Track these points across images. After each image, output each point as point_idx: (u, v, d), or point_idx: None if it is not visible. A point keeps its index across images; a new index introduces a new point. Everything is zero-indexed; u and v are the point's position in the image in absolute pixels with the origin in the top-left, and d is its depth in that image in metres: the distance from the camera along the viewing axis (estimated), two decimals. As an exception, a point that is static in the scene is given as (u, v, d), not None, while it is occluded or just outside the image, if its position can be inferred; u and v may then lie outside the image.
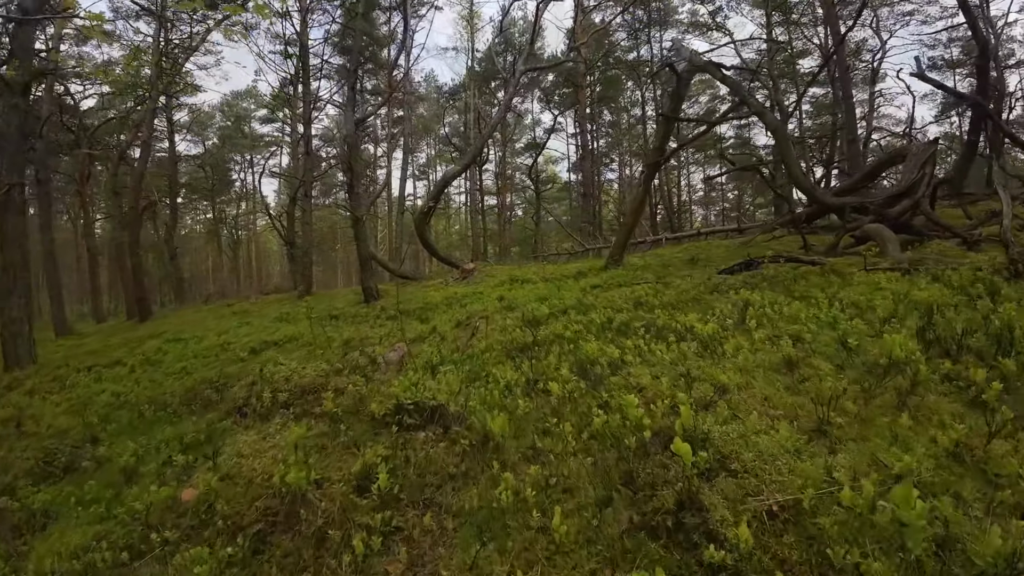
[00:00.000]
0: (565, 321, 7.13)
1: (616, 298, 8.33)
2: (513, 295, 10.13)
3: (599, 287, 9.82)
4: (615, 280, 10.16)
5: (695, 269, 11.40)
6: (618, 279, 10.17)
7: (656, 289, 8.51)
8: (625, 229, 11.94)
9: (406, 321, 11.88)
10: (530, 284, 12.08)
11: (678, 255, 14.28)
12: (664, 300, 7.46)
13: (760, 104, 11.47)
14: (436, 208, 17.21)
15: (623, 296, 8.32)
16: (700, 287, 7.77)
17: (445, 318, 9.83)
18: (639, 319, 6.63)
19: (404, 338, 8.64)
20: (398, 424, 4.24)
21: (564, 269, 13.55)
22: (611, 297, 8.49)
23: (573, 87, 29.12)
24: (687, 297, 7.35)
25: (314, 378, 6.32)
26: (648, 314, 6.79)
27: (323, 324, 12.79)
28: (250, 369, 8.94)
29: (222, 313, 22.77)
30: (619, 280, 10.05)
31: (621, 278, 10.24)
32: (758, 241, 14.58)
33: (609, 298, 8.41)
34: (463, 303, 11.59)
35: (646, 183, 11.61)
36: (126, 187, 25.65)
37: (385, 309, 13.11)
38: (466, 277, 16.19)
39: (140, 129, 25.48)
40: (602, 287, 9.74)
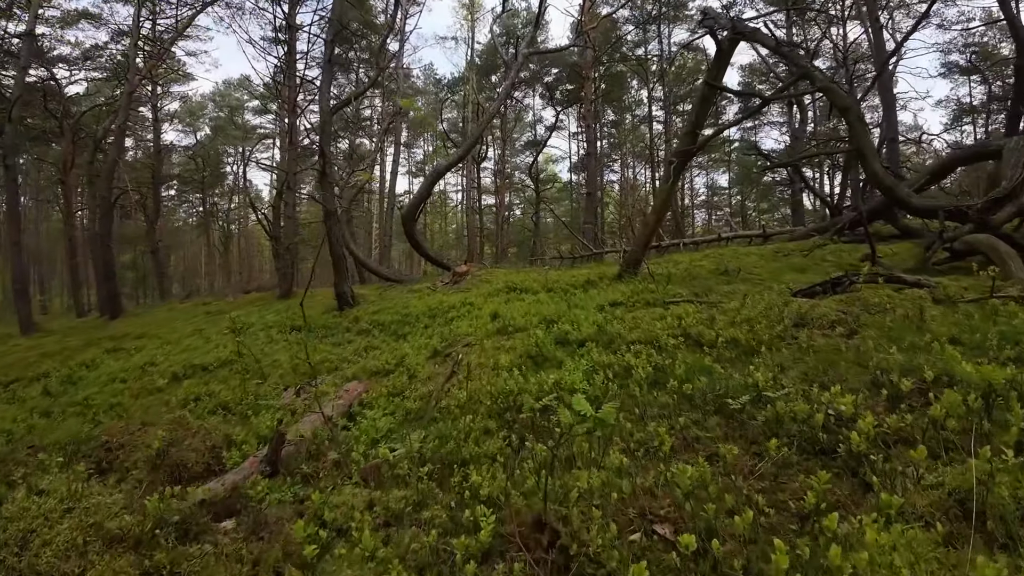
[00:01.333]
0: (585, 363, 4.69)
1: (651, 325, 5.88)
2: (510, 312, 7.69)
3: (620, 304, 7.37)
4: (639, 295, 7.72)
5: (734, 282, 8.98)
6: (642, 294, 7.73)
7: (703, 314, 6.07)
8: (645, 232, 9.54)
9: (377, 338, 9.42)
10: (530, 295, 9.64)
11: (701, 263, 11.85)
12: (726, 334, 5.01)
13: (827, 77, 9.06)
14: (426, 204, 14.73)
15: (660, 322, 5.87)
16: (772, 316, 5.32)
17: (421, 341, 7.37)
18: (701, 370, 4.19)
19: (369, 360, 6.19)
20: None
21: (570, 276, 11.12)
22: (643, 323, 6.04)
23: (578, 80, 26.68)
24: (761, 332, 4.90)
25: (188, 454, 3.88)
26: (713, 361, 4.35)
27: (283, 336, 10.33)
28: (140, 413, 6.54)
29: (195, 313, 20.32)
30: (644, 296, 7.61)
31: (646, 293, 7.80)
32: (793, 248, 12.17)
33: (641, 325, 5.97)
34: (449, 316, 9.14)
35: (675, 176, 9.19)
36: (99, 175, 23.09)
37: (358, 320, 10.64)
38: (458, 282, 13.73)
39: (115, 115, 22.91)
40: (625, 305, 7.29)
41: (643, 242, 9.63)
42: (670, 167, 9.22)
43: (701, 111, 9.14)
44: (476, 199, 29.19)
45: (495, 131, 31.04)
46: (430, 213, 39.17)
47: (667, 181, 9.32)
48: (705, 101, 9.09)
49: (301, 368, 7.82)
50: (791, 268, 9.19)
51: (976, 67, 31.75)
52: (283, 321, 11.21)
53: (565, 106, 28.27)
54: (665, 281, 8.38)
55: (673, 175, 9.09)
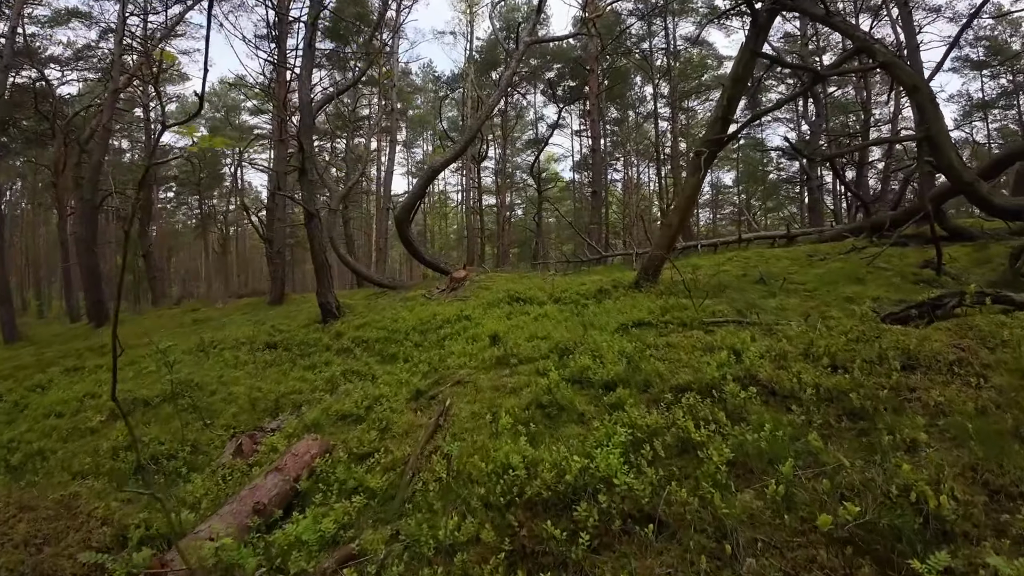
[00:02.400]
0: (620, 428, 3.22)
1: (697, 359, 4.40)
2: (513, 334, 6.23)
3: (648, 325, 5.88)
4: (668, 312, 6.24)
5: (777, 295, 7.49)
6: (673, 311, 6.25)
7: (762, 342, 4.60)
8: (668, 233, 8.07)
9: (359, 359, 7.96)
10: (535, 307, 8.18)
11: (726, 268, 10.37)
12: (809, 379, 3.53)
13: (890, 51, 7.56)
14: (421, 204, 13.26)
15: (710, 356, 4.39)
16: (864, 352, 3.84)
17: (403, 374, 5.88)
18: (799, 450, 2.72)
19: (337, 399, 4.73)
20: None
21: (578, 284, 9.64)
22: (686, 355, 4.56)
23: (581, 76, 25.17)
24: (861, 378, 3.42)
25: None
26: (809, 430, 2.87)
27: (252, 357, 8.89)
28: (58, 467, 5.15)
29: (180, 322, 18.95)
30: (675, 313, 6.13)
31: (677, 309, 6.31)
32: (828, 251, 10.69)
33: (684, 358, 4.49)
34: (441, 335, 7.69)
35: (704, 168, 7.71)
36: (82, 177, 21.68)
37: (340, 335, 9.19)
38: (455, 288, 12.28)
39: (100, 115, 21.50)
40: (655, 326, 5.80)
41: (665, 245, 8.16)
42: (698, 159, 7.74)
43: (734, 94, 7.66)
44: (476, 199, 27.71)
45: (496, 130, 29.55)
46: (430, 213, 37.68)
47: (693, 175, 7.85)
48: (738, 83, 7.60)
49: (261, 404, 6.38)
50: (844, 277, 7.70)
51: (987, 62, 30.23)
52: (259, 336, 9.76)
53: (568, 103, 26.77)
54: (702, 295, 6.89)
55: (703, 167, 7.62)
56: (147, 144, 27.32)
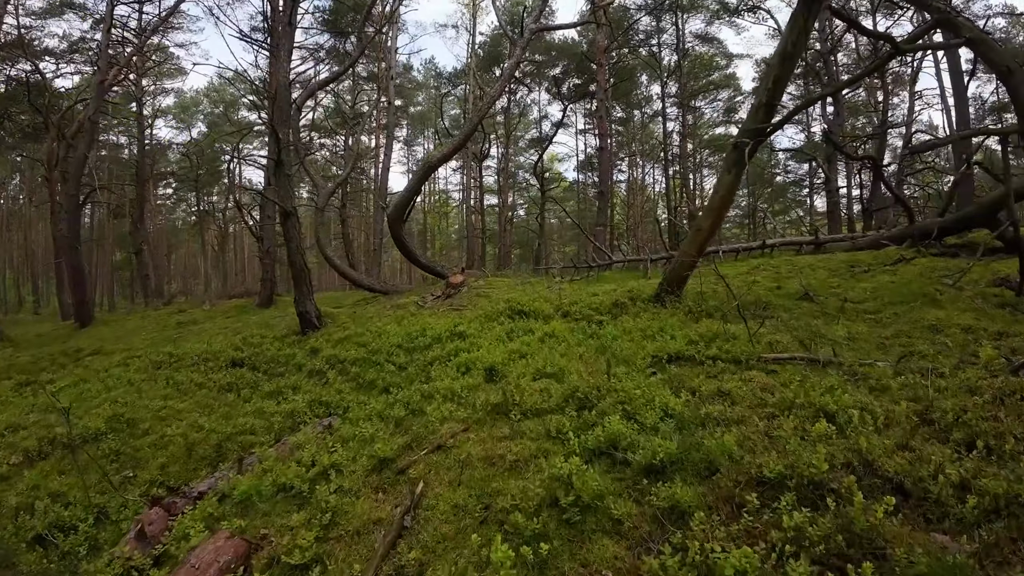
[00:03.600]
0: (680, 544, 1.86)
1: (773, 421, 3.04)
2: (514, 366, 4.84)
3: (690, 361, 4.50)
4: (712, 342, 4.86)
5: (836, 316, 6.12)
6: (717, 341, 4.86)
7: (855, 395, 3.22)
8: (697, 240, 6.69)
9: (332, 385, 6.59)
10: (540, 324, 6.80)
11: (757, 279, 8.97)
12: (953, 473, 2.17)
13: (976, 27, 6.17)
14: (416, 202, 11.91)
15: (793, 420, 3.02)
16: (1011, 422, 2.46)
17: (368, 427, 4.43)
18: None
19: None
20: None
21: (588, 295, 8.25)
22: (758, 417, 3.20)
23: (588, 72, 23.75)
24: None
25: None
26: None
27: (209, 379, 7.52)
28: None
29: (164, 324, 17.60)
30: (720, 344, 4.73)
31: (720, 339, 4.93)
32: (870, 261, 9.32)
33: (758, 423, 3.12)
34: (428, 358, 6.32)
35: (739, 164, 6.34)
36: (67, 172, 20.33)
37: (316, 352, 7.82)
38: (451, 295, 10.92)
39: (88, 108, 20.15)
40: (698, 363, 4.42)
41: (693, 254, 6.79)
42: (736, 152, 6.36)
43: (781, 74, 6.27)
44: (478, 199, 26.31)
45: (498, 129, 28.14)
46: (430, 213, 36.26)
47: (730, 171, 6.46)
48: (787, 61, 6.21)
49: (200, 449, 5.03)
50: (909, 296, 6.31)
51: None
52: (225, 351, 8.39)
53: (573, 101, 25.36)
54: (717, 307, 5.50)
55: (736, 165, 6.25)
56: (140, 138, 25.92)
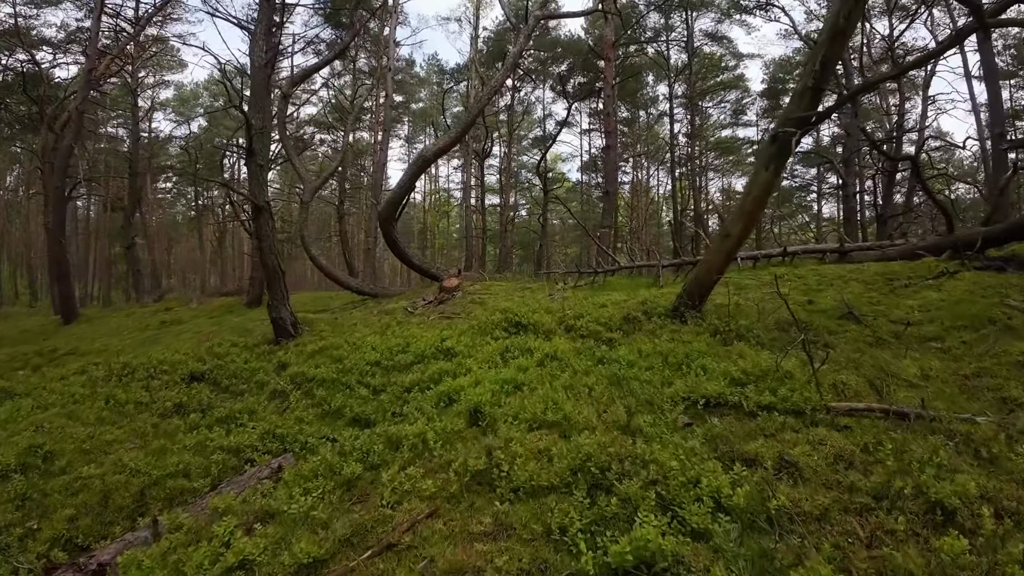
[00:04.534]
0: None
1: (870, 518, 1.94)
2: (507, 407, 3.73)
3: (736, 410, 3.40)
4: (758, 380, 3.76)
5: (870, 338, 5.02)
6: (766, 379, 3.76)
7: (969, 474, 2.12)
8: (725, 247, 5.58)
9: (294, 411, 5.50)
10: (541, 342, 5.69)
11: (785, 293, 7.85)
12: None
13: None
14: (409, 199, 10.81)
15: (895, 516, 1.92)
16: None
17: (323, 474, 3.35)
18: None
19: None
20: None
21: (595, 306, 7.13)
22: (848, 513, 2.10)
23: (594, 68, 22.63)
24: None
25: None
26: None
27: (159, 398, 6.44)
28: None
29: (148, 323, 16.58)
30: (769, 383, 3.63)
31: (768, 376, 3.83)
32: (906, 273, 8.21)
33: (855, 523, 2.03)
34: (407, 381, 5.21)
35: (780, 158, 5.25)
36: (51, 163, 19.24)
37: (285, 367, 6.73)
38: (444, 300, 9.82)
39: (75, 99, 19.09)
40: (747, 413, 3.32)
41: (719, 264, 5.69)
42: (776, 144, 5.25)
43: (831, 54, 5.15)
44: (479, 198, 25.20)
45: (501, 127, 27.02)
46: (430, 212, 35.13)
47: (767, 167, 5.35)
48: (838, 38, 5.10)
49: (119, 496, 3.97)
50: (970, 319, 5.19)
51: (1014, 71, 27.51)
52: (187, 362, 7.30)
53: (578, 99, 24.23)
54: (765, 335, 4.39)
55: (775, 159, 5.15)
56: (134, 131, 24.86)
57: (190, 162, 32.03)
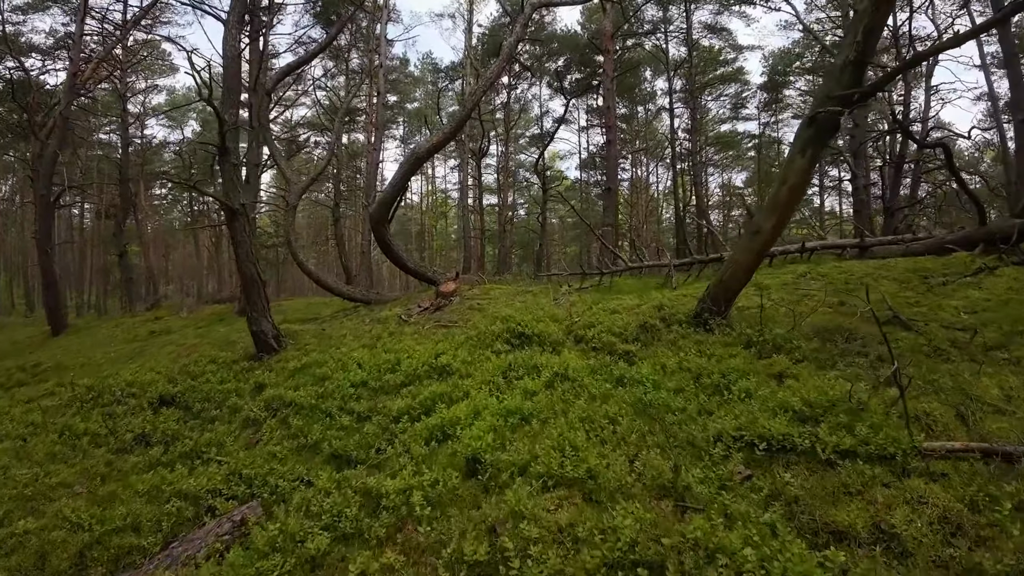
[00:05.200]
0: None
1: None
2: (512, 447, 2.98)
3: (809, 458, 2.63)
4: (826, 413, 3.01)
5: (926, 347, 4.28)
6: (835, 411, 3.00)
7: None
8: (755, 245, 4.82)
9: (266, 445, 4.71)
10: (548, 358, 4.93)
11: (812, 293, 7.09)
12: None
13: None
14: (402, 199, 10.05)
15: None
16: None
17: (281, 547, 2.59)
18: None
19: None
20: None
21: (606, 312, 6.36)
22: None
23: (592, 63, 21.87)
24: None
25: None
26: None
27: (124, 424, 5.68)
28: None
29: (136, 333, 15.80)
30: (840, 416, 2.88)
31: (838, 407, 3.07)
32: (939, 270, 7.47)
33: None
34: (395, 409, 4.43)
35: (818, 142, 4.50)
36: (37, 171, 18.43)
37: (262, 388, 5.97)
38: (440, 307, 9.06)
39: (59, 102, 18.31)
40: (822, 463, 2.56)
41: (750, 262, 4.95)
42: (814, 128, 4.50)
43: (874, 24, 4.39)
44: (476, 197, 24.41)
45: (498, 126, 26.22)
46: (427, 213, 34.32)
47: (803, 152, 4.60)
48: (883, 4, 4.35)
49: (55, 560, 3.21)
50: None
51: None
52: (157, 382, 6.54)
53: (576, 95, 23.45)
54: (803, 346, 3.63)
55: (826, 137, 4.40)
56: (124, 136, 24.06)
57: (184, 167, 31.23)
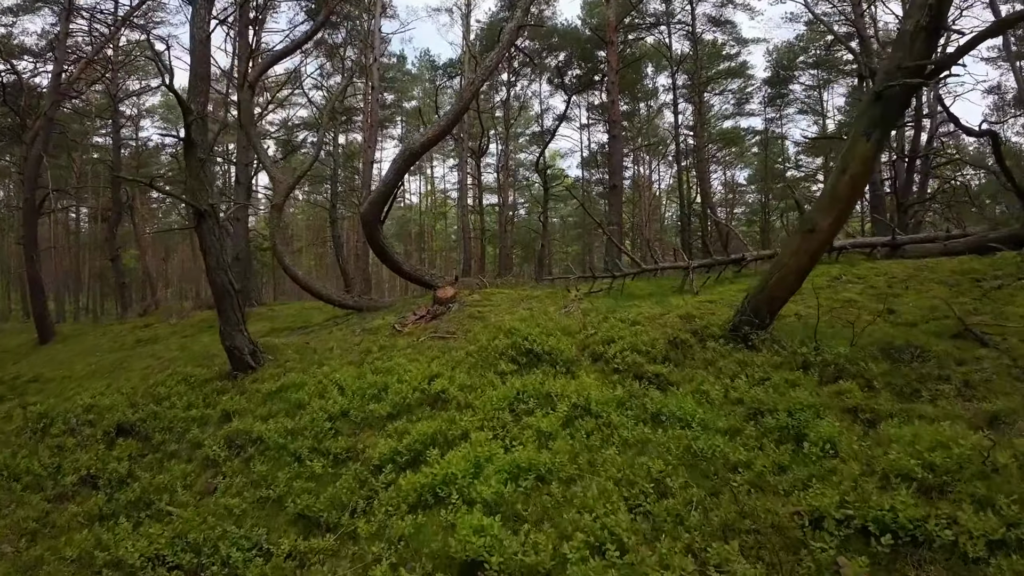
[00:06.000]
0: None
1: None
2: (526, 528, 2.15)
3: (935, 553, 1.80)
4: (947, 478, 2.17)
5: (1013, 368, 3.40)
6: (953, 467, 2.15)
7: None
8: (811, 246, 3.97)
9: (221, 497, 3.81)
10: (563, 382, 4.08)
11: (854, 299, 6.21)
12: None
13: None
14: (395, 197, 9.20)
15: None
16: None
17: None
18: None
19: None
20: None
21: (625, 325, 5.48)
22: None
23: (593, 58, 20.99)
24: None
25: None
26: None
27: (59, 461, 4.83)
28: None
29: (123, 342, 14.97)
30: (972, 485, 2.06)
31: (954, 462, 2.22)
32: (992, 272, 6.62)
33: None
34: (379, 452, 3.56)
35: (886, 123, 3.65)
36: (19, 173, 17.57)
37: (231, 417, 5.11)
38: (437, 315, 8.18)
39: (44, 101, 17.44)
40: (974, 566, 1.73)
41: (803, 265, 4.09)
42: (879, 106, 3.65)
43: None
44: (476, 197, 23.55)
45: (498, 125, 25.33)
46: (426, 213, 33.44)
47: (867, 135, 3.73)
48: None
49: None
50: None
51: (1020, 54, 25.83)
52: (118, 406, 5.69)
53: (577, 91, 22.57)
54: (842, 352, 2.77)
55: (895, 116, 3.56)
56: (115, 139, 23.20)
57: (179, 170, 30.34)
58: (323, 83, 24.66)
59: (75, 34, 26.43)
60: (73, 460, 4.86)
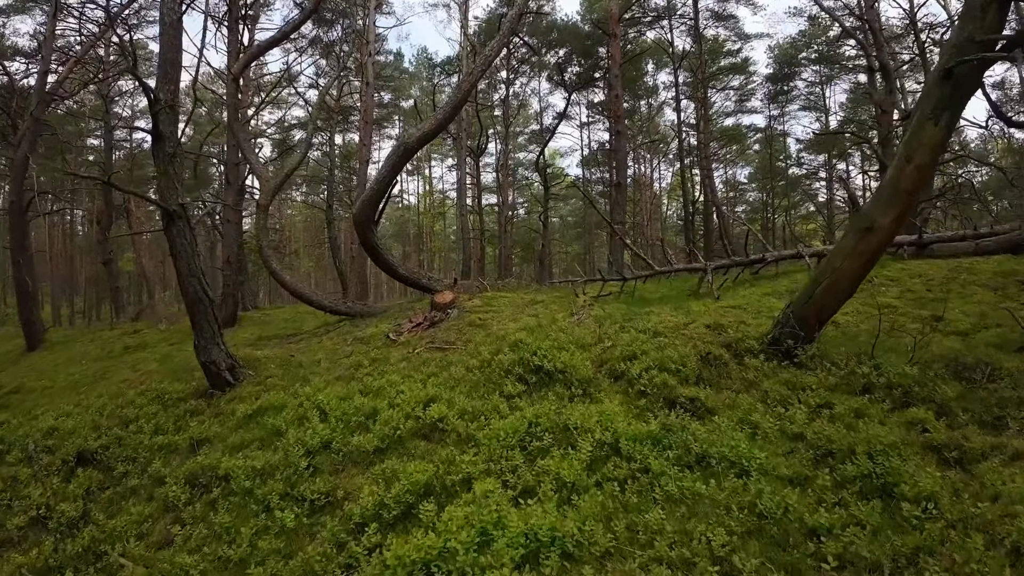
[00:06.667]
0: None
1: None
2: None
3: None
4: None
5: None
6: None
7: None
8: (868, 244, 3.37)
9: (177, 558, 3.26)
10: (581, 409, 3.47)
11: (893, 304, 5.57)
12: None
13: None
14: (389, 197, 8.56)
15: None
16: None
17: None
18: None
19: None
20: None
21: (645, 337, 4.86)
22: None
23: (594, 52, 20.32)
24: None
25: None
26: None
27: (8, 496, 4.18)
28: None
29: (111, 348, 14.23)
30: None
31: None
32: None
33: None
34: (362, 507, 2.90)
35: (955, 106, 3.03)
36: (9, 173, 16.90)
37: (201, 445, 4.45)
38: (435, 322, 7.54)
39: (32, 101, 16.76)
40: None
41: (858, 269, 3.47)
42: (946, 84, 3.04)
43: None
44: (475, 197, 22.89)
45: (497, 124, 24.68)
46: (424, 214, 32.76)
47: (935, 119, 3.11)
48: None
49: None
50: None
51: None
52: (80, 430, 5.05)
53: (578, 88, 21.93)
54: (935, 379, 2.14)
55: (964, 98, 2.96)
56: (107, 140, 22.51)
57: (175, 171, 29.58)
58: (318, 82, 24.02)
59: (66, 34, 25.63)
60: (25, 497, 4.22)
